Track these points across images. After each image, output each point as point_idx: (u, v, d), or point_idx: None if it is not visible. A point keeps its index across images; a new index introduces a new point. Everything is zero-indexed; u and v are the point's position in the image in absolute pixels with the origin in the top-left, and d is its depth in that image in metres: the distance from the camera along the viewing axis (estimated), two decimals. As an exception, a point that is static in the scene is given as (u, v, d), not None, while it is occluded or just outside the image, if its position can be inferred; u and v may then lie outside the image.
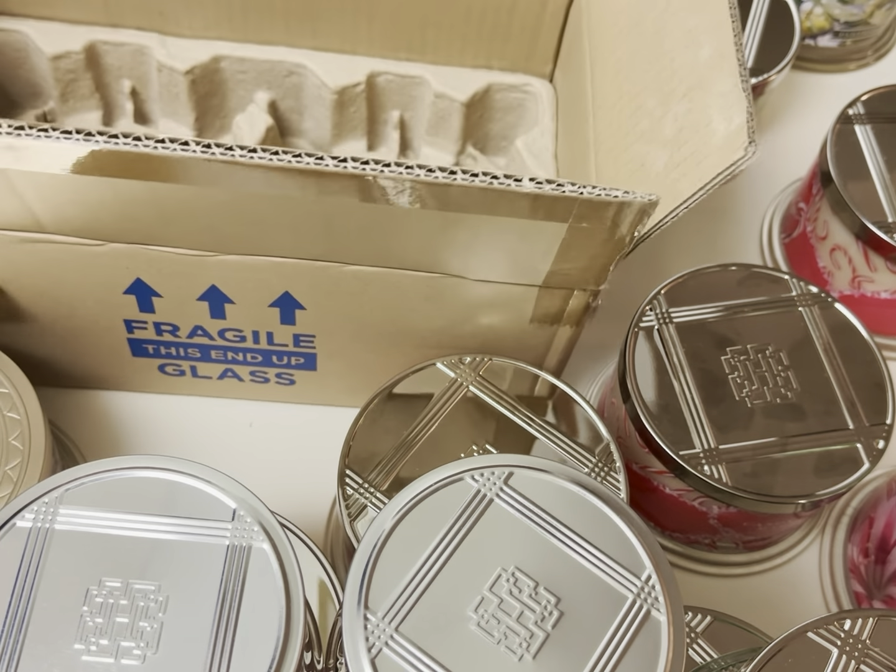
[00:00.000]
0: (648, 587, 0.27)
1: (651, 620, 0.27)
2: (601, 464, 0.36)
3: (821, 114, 0.56)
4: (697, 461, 0.36)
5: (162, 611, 0.26)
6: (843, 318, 0.40)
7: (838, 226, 0.45)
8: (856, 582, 0.42)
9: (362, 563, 0.27)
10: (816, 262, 0.48)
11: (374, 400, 0.36)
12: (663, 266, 0.46)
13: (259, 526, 0.27)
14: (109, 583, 0.26)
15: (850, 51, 0.59)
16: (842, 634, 0.29)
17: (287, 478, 0.42)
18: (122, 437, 0.43)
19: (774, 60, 0.48)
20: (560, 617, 0.27)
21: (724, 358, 0.39)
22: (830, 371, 0.39)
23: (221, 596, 0.26)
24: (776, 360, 0.39)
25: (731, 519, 0.39)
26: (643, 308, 0.40)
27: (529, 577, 0.27)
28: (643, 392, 0.38)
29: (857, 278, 0.46)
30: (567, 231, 0.31)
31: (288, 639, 0.26)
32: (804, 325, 0.40)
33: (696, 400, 0.37)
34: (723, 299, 0.40)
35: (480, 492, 0.28)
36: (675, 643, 0.27)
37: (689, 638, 0.36)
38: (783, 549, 0.43)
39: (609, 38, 0.41)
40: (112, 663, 0.25)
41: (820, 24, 0.57)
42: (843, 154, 0.46)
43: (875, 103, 0.47)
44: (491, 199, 0.30)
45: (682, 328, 0.39)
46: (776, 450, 0.37)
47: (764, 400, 0.38)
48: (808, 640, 0.29)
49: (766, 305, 0.40)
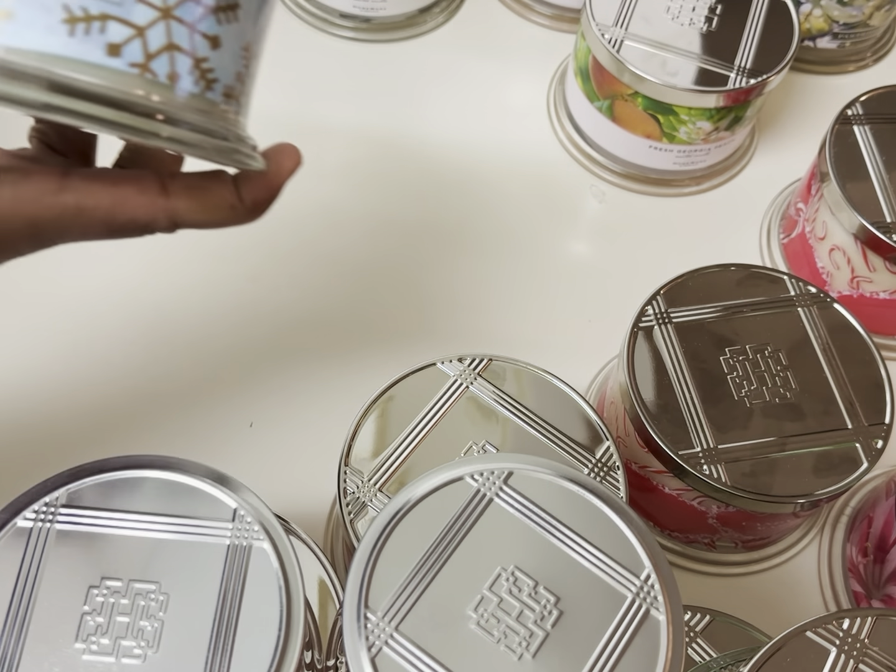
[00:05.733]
0: (648, 586, 0.27)
1: (650, 620, 0.27)
2: (600, 463, 0.36)
3: (819, 115, 0.56)
4: (696, 461, 0.36)
5: (162, 610, 0.26)
6: (841, 318, 0.40)
7: (837, 226, 0.45)
8: (854, 581, 0.42)
9: (362, 563, 0.27)
10: (815, 263, 0.48)
11: (375, 400, 0.36)
12: (662, 266, 0.46)
13: (259, 526, 0.27)
14: (110, 582, 0.26)
15: (849, 52, 0.59)
16: (840, 634, 0.29)
17: (287, 478, 0.42)
18: (123, 436, 0.43)
19: (773, 62, 0.48)
20: (559, 616, 0.27)
21: (723, 358, 0.39)
22: (829, 371, 0.39)
23: (221, 596, 0.26)
24: (775, 360, 0.39)
25: (730, 518, 0.39)
26: (642, 308, 0.40)
27: (529, 577, 0.27)
28: (642, 392, 0.38)
29: (856, 278, 0.46)
30: None
31: (288, 638, 0.26)
32: (803, 326, 0.40)
33: (696, 400, 0.38)
34: (722, 299, 0.40)
35: (480, 491, 0.28)
36: (674, 642, 0.27)
37: (689, 637, 0.36)
38: (782, 549, 0.43)
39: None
40: (113, 662, 0.25)
41: (819, 25, 0.58)
42: (842, 154, 0.46)
43: (874, 104, 0.47)
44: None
45: (681, 328, 0.39)
46: (775, 449, 0.37)
47: (763, 400, 0.38)
48: (806, 640, 0.29)
49: (765, 305, 0.40)
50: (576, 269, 0.51)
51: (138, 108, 0.22)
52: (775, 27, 0.50)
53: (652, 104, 0.48)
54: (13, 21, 0.21)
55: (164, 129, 0.22)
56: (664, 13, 0.49)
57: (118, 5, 0.21)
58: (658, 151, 0.51)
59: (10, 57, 0.21)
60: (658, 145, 0.51)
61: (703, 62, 0.48)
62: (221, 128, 0.24)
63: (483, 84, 0.56)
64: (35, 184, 0.24)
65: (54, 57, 0.21)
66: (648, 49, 0.48)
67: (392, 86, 0.56)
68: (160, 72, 0.22)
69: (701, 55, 0.48)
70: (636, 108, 0.49)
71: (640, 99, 0.48)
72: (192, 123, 0.23)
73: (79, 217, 0.25)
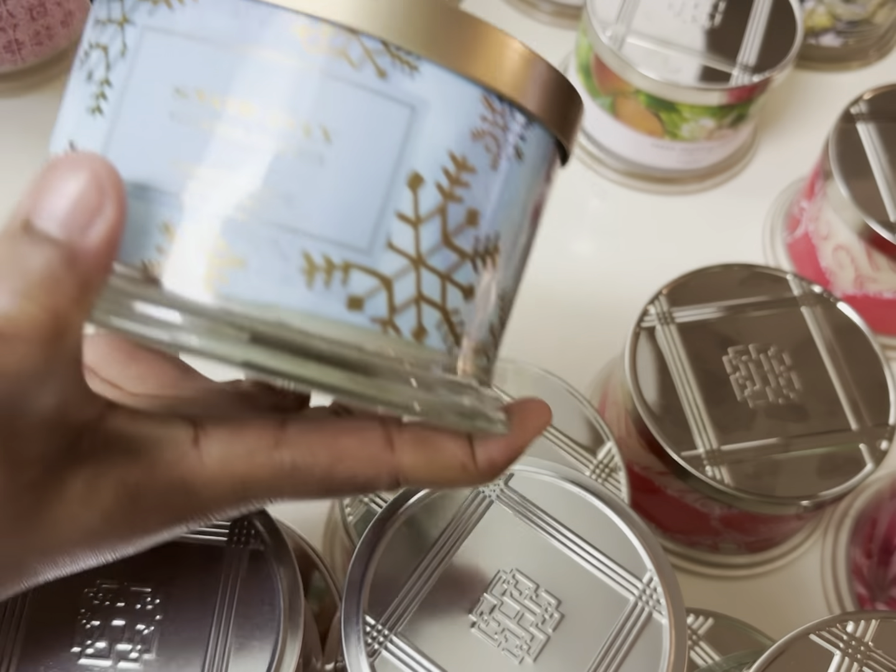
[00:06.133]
0: (650, 589, 0.27)
1: (652, 623, 0.27)
2: (602, 465, 0.35)
3: (823, 113, 0.56)
4: (699, 462, 0.36)
5: (160, 613, 0.26)
6: (845, 318, 0.40)
7: (841, 225, 0.45)
8: (859, 584, 0.42)
9: (361, 565, 0.27)
10: (819, 262, 0.48)
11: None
12: (665, 266, 0.46)
13: (258, 527, 0.27)
14: (106, 585, 0.26)
15: (853, 50, 0.59)
16: (844, 637, 0.29)
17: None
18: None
19: (776, 59, 0.48)
20: (561, 619, 0.27)
21: (725, 358, 0.38)
22: (833, 371, 0.38)
23: (221, 597, 0.26)
24: (778, 360, 0.38)
25: (733, 520, 0.39)
26: (645, 308, 0.39)
27: (530, 579, 0.27)
28: (645, 392, 0.37)
29: (860, 278, 0.46)
30: None
31: (287, 642, 0.26)
32: (807, 326, 0.40)
33: (698, 400, 0.37)
34: (725, 299, 0.40)
35: (481, 493, 0.28)
36: (676, 646, 0.26)
37: (691, 640, 0.36)
38: (785, 551, 0.43)
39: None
40: (109, 666, 0.25)
41: (822, 22, 0.57)
42: (846, 153, 0.45)
43: (878, 102, 0.47)
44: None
45: (684, 328, 0.39)
46: (778, 451, 0.36)
47: (766, 400, 0.37)
48: (810, 643, 0.29)
49: (768, 305, 0.40)
50: (577, 268, 0.50)
51: (384, 371, 0.19)
52: (779, 24, 0.49)
53: (654, 102, 0.48)
54: (244, 269, 0.18)
55: (415, 398, 0.19)
56: (666, 9, 0.49)
57: (365, 254, 0.18)
58: (660, 149, 0.51)
59: (243, 310, 0.18)
60: (660, 143, 0.51)
61: (706, 59, 0.47)
62: (467, 389, 0.20)
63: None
64: (249, 440, 0.21)
65: (290, 311, 0.18)
66: (650, 46, 0.48)
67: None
68: (404, 327, 0.19)
69: (703, 52, 0.48)
70: (639, 105, 0.49)
71: (642, 96, 0.48)
72: (437, 388, 0.19)
73: (293, 476, 0.21)
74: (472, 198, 0.19)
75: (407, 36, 0.18)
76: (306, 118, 0.18)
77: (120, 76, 0.19)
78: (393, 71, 0.18)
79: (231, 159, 0.18)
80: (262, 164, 0.18)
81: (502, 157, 0.20)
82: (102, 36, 0.19)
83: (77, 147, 0.19)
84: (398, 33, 0.18)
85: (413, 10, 0.18)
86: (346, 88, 0.18)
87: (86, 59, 0.20)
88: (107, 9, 0.19)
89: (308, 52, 0.18)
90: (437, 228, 0.19)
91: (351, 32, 0.18)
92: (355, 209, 0.18)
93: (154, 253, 0.18)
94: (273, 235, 0.18)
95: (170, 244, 0.18)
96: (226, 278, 0.18)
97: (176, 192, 0.18)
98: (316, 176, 0.18)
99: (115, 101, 0.19)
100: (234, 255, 0.18)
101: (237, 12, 0.18)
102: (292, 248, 0.18)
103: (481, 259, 0.20)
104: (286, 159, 0.18)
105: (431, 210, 0.19)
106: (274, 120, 0.18)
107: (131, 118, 0.19)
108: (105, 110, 0.19)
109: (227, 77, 0.18)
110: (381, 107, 0.18)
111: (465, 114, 0.19)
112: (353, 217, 0.18)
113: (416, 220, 0.19)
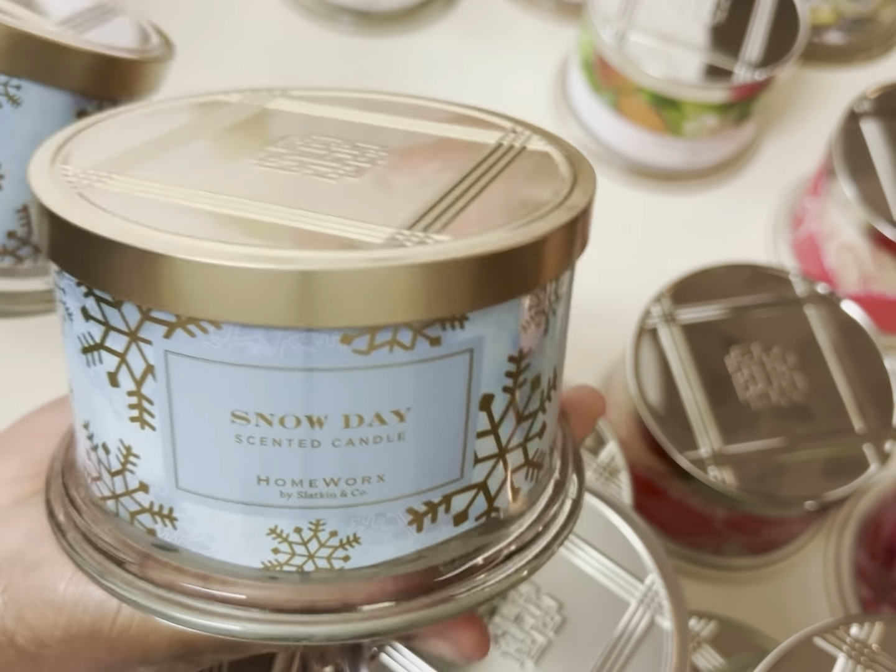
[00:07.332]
0: (652, 592, 0.27)
1: (655, 626, 0.26)
2: (604, 466, 0.35)
3: (827, 110, 0.56)
4: (703, 464, 0.36)
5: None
6: (849, 318, 0.40)
7: (845, 224, 0.45)
8: (863, 586, 0.41)
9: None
10: (823, 261, 0.47)
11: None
12: (667, 264, 0.46)
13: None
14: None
15: (857, 47, 0.59)
16: (848, 640, 0.28)
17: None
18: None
19: (780, 56, 0.48)
20: (562, 622, 0.26)
21: (728, 359, 0.38)
22: (837, 372, 0.38)
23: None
24: (782, 360, 0.38)
25: (736, 523, 0.38)
26: (647, 308, 0.39)
27: (531, 582, 0.27)
28: (647, 393, 0.37)
29: (865, 277, 0.46)
30: None
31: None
32: (810, 325, 0.39)
33: (701, 401, 0.37)
34: (728, 299, 0.40)
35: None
36: (679, 649, 0.26)
37: (694, 644, 0.36)
38: (789, 553, 0.43)
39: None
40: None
41: (826, 19, 0.57)
42: (850, 151, 0.45)
43: (882, 99, 0.47)
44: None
45: (687, 328, 0.39)
46: (782, 452, 0.36)
47: (770, 401, 0.37)
48: (814, 646, 0.28)
49: (771, 305, 0.40)
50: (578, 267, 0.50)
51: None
52: (782, 21, 0.49)
53: (657, 99, 0.48)
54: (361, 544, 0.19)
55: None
56: (669, 5, 0.49)
57: (458, 481, 0.19)
58: (663, 147, 0.51)
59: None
60: (663, 141, 0.50)
61: (709, 56, 0.47)
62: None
63: (483, 78, 0.56)
64: None
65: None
66: (653, 42, 0.47)
67: (392, 79, 0.55)
68: (503, 505, 0.20)
69: (706, 49, 0.47)
70: (641, 102, 0.48)
71: (644, 94, 0.48)
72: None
73: None
74: (533, 368, 0.19)
75: (454, 306, 0.17)
76: (377, 409, 0.17)
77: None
78: (444, 333, 0.17)
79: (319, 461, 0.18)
80: (353, 459, 0.18)
81: (551, 321, 0.20)
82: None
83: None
84: (446, 308, 0.17)
85: (451, 283, 0.17)
86: (407, 369, 0.17)
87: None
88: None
89: (359, 356, 0.17)
90: (511, 417, 0.19)
91: (395, 327, 0.17)
92: (443, 457, 0.19)
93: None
94: (378, 510, 0.18)
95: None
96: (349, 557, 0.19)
97: (278, 505, 0.18)
98: (400, 451, 0.18)
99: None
100: (347, 537, 0.19)
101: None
102: (396, 511, 0.19)
103: (547, 400, 0.21)
104: (368, 447, 0.18)
105: (505, 409, 0.19)
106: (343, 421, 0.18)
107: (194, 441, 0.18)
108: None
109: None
110: (441, 367, 0.18)
111: (514, 319, 0.18)
112: (443, 463, 0.19)
113: (495, 426, 0.19)
